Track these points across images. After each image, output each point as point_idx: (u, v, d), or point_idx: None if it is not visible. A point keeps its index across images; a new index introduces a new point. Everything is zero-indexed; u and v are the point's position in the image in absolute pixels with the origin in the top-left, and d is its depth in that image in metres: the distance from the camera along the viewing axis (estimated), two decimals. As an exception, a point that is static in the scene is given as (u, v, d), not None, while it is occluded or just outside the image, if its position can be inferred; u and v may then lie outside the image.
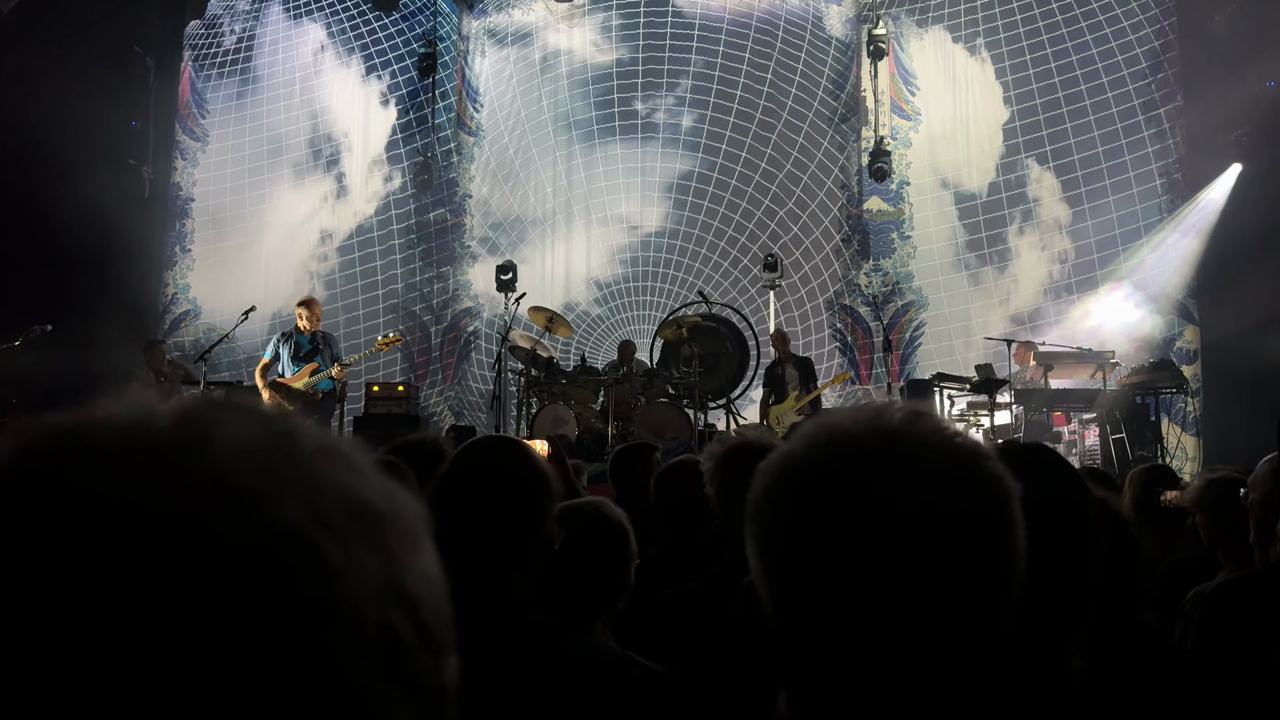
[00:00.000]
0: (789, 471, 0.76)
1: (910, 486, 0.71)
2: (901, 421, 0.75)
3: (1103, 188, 10.95)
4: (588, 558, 1.84)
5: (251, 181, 12.35)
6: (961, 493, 0.72)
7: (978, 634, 0.71)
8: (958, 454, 0.74)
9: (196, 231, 12.44)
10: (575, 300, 11.79)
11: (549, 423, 8.13)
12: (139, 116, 12.11)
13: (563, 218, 11.96)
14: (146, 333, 10.48)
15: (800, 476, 0.75)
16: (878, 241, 11.50)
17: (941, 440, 0.74)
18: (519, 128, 12.09)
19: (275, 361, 7.63)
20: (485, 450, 1.63)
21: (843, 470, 0.73)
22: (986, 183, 11.33)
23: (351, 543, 0.42)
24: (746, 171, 11.70)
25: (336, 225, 12.23)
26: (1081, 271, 10.95)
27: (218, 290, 12.09)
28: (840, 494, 0.72)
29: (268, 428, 0.45)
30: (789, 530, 0.74)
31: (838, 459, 0.74)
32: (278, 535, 0.40)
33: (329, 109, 12.33)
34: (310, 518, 0.41)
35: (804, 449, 0.76)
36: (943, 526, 0.70)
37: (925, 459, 0.72)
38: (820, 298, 11.47)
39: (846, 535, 0.70)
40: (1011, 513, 0.73)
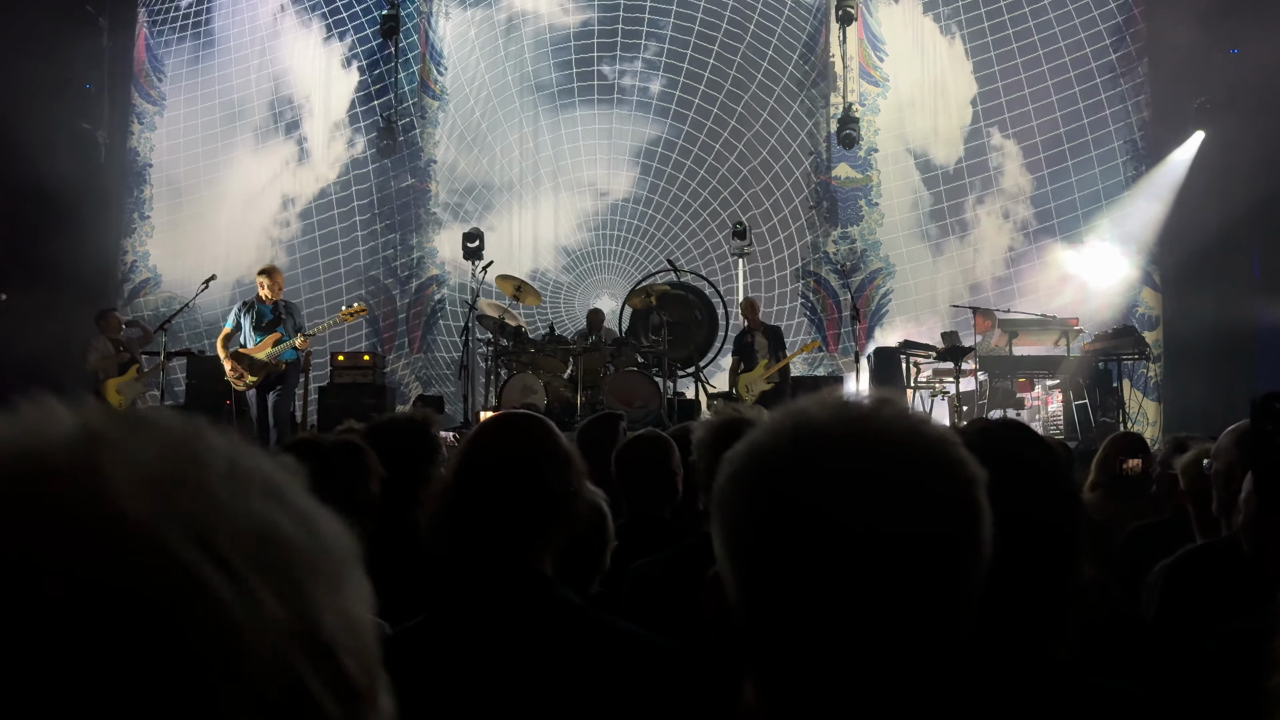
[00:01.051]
0: (755, 459, 0.75)
1: (877, 474, 0.70)
2: (868, 409, 0.74)
3: (1065, 155, 11.02)
4: None
5: (210, 146, 12.08)
6: (928, 480, 0.71)
7: (946, 625, 0.70)
8: (924, 441, 0.73)
9: (155, 198, 12.17)
10: (543, 268, 11.69)
11: (518, 392, 8.09)
12: (92, 79, 11.78)
13: (530, 183, 11.83)
14: (106, 302, 10.27)
15: (766, 463, 0.73)
16: (845, 209, 11.50)
17: (907, 427, 0.73)
18: (484, 91, 11.89)
19: (237, 331, 7.51)
20: (510, 431, 1.57)
21: (808, 457, 0.72)
22: (953, 151, 11.35)
23: (250, 579, 0.37)
24: (715, 138, 11.62)
25: (298, 191, 12.01)
26: (1042, 237, 11.04)
27: (178, 258, 11.86)
28: (806, 481, 0.71)
29: (172, 449, 0.41)
30: (753, 518, 0.73)
31: (803, 445, 0.72)
32: (154, 570, 0.36)
33: (289, 71, 12.06)
34: (199, 550, 0.37)
35: (770, 437, 0.74)
36: (910, 515, 0.69)
37: (891, 446, 0.71)
38: (789, 266, 11.47)
39: (811, 523, 0.69)
40: (978, 499, 0.72)
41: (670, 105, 11.67)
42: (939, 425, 0.76)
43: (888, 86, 11.52)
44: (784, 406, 0.77)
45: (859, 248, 11.45)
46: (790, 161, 11.57)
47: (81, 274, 10.70)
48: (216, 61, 12.10)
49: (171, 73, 12.24)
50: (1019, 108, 11.14)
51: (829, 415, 0.73)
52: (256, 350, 7.37)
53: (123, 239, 12.09)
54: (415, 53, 11.96)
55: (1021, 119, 11.14)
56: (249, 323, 7.46)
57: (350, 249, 11.87)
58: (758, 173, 11.56)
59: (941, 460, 0.72)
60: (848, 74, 11.42)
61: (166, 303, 11.65)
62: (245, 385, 7.36)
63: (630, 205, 11.74)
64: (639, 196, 11.74)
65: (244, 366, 7.33)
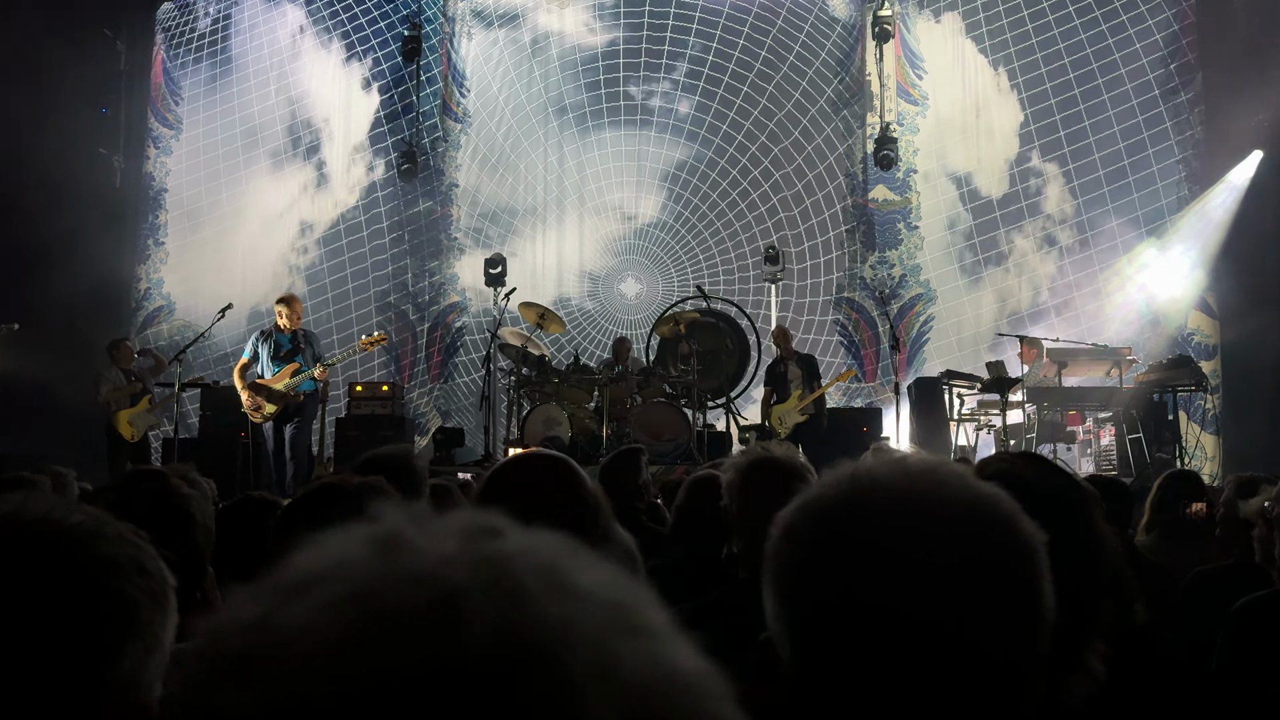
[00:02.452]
0: (812, 513, 0.77)
1: (936, 536, 0.72)
2: (925, 468, 0.77)
3: (1113, 177, 10.98)
4: None
5: (227, 170, 12.31)
6: (986, 543, 0.73)
7: (1007, 688, 0.72)
8: (982, 504, 0.75)
9: (170, 224, 12.40)
10: (568, 294, 11.79)
11: (541, 424, 8.13)
12: (109, 103, 12.06)
13: (554, 208, 11.96)
14: (119, 331, 10.45)
15: (824, 518, 0.76)
16: (883, 232, 11.51)
17: (964, 486, 0.76)
18: (508, 114, 12.07)
19: (254, 362, 7.62)
20: (532, 474, 1.56)
21: (867, 512, 0.74)
22: (995, 172, 11.35)
23: None
24: (746, 160, 11.70)
25: (317, 216, 12.20)
26: (1090, 263, 10.97)
27: (193, 285, 12.05)
28: (864, 536, 0.73)
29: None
30: (809, 573, 0.75)
31: (861, 505, 0.75)
32: None
33: (308, 94, 12.30)
34: None
35: (827, 496, 0.77)
36: (968, 581, 0.71)
37: (950, 509, 0.74)
38: (824, 293, 11.48)
39: (869, 581, 0.72)
40: (1038, 564, 0.74)
41: (700, 128, 11.78)
42: (995, 488, 0.79)
43: (927, 105, 11.56)
44: (842, 465, 0.80)
45: (897, 272, 11.45)
46: (825, 183, 11.62)
47: (94, 302, 10.92)
48: (234, 84, 12.36)
49: (188, 95, 12.51)
50: (1065, 129, 11.14)
51: (887, 474, 0.76)
52: (274, 381, 7.48)
53: (137, 266, 12.32)
54: (437, 74, 12.17)
55: (1067, 140, 11.13)
56: (266, 353, 7.57)
57: (369, 275, 12.03)
58: (791, 196, 11.61)
59: (999, 524, 0.74)
60: (885, 92, 11.48)
61: (181, 331, 11.83)
62: (262, 417, 7.46)
63: (658, 230, 11.83)
64: (666, 221, 11.83)
65: (261, 397, 7.44)
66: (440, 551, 0.39)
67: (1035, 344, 9.10)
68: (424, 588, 0.37)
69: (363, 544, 0.40)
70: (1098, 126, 11.05)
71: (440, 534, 0.41)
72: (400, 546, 0.39)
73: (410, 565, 0.38)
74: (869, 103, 11.59)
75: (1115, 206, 10.98)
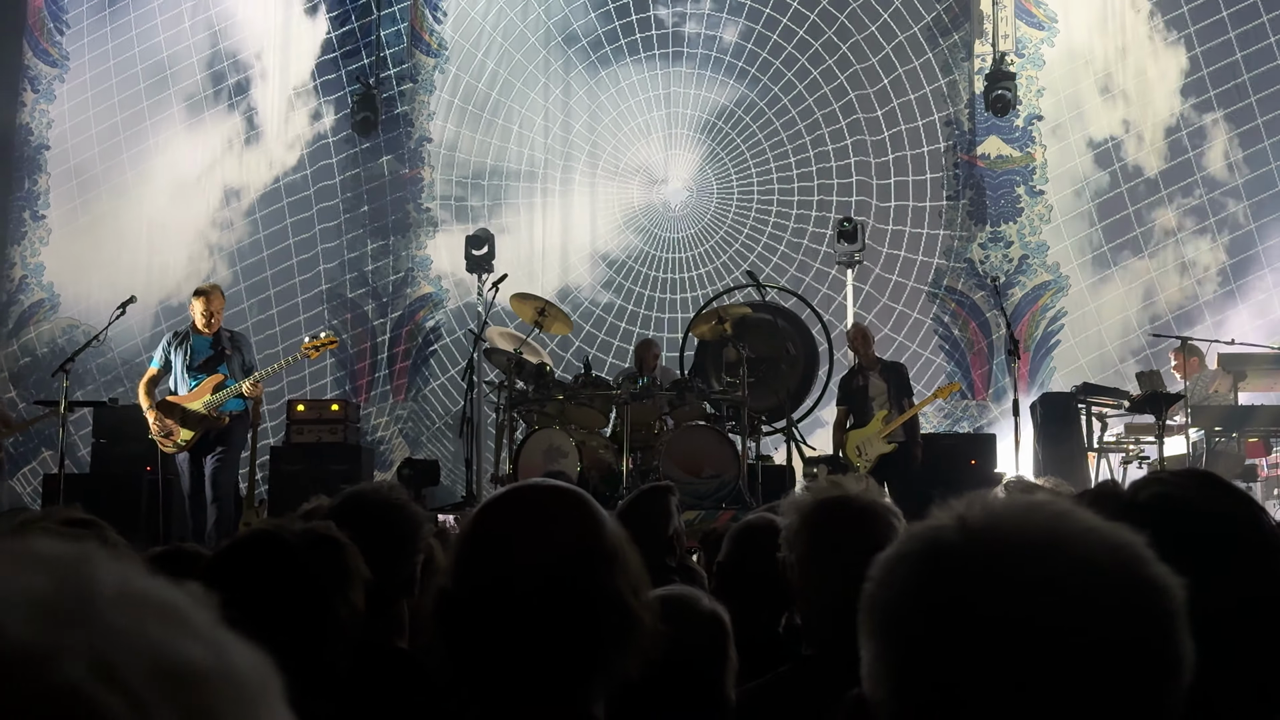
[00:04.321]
0: (929, 558, 0.86)
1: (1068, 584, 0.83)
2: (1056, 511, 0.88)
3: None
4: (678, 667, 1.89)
5: (128, 121, 12.49)
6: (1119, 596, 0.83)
7: None
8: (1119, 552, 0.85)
9: (53, 191, 12.59)
10: (576, 283, 11.85)
11: (540, 456, 8.18)
12: (-28, 34, 12.27)
13: (558, 169, 12.03)
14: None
15: (944, 564, 0.86)
16: (998, 200, 11.50)
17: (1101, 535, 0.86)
18: (497, 44, 12.17)
19: (165, 373, 7.72)
20: (530, 514, 1.56)
21: (992, 563, 0.84)
22: (1149, 118, 11.30)
23: (156, 710, 0.47)
24: (811, 106, 11.72)
25: (246, 180, 12.34)
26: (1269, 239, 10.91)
27: (83, 272, 12.22)
28: (992, 589, 0.83)
29: (57, 573, 0.50)
30: (924, 628, 0.84)
31: (990, 545, 0.85)
32: (52, 703, 0.45)
33: (234, 20, 12.46)
34: (99, 678, 0.46)
35: (949, 532, 0.86)
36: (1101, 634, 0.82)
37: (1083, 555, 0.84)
38: (917, 280, 11.48)
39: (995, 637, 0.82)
40: (1177, 632, 0.84)
41: (750, 62, 11.82)
42: (1132, 536, 0.88)
43: (1055, 30, 11.55)
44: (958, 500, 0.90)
45: (1016, 253, 11.43)
46: (919, 136, 11.63)
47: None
48: (137, 8, 12.54)
49: (76, 24, 12.71)
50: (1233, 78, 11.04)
51: (1011, 512, 0.87)
52: (191, 398, 7.58)
53: (10, 246, 12.51)
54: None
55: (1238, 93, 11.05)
56: (181, 361, 7.67)
57: (317, 261, 12.15)
58: (873, 151, 11.62)
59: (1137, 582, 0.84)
60: (999, 12, 11.48)
61: (67, 333, 12.00)
62: (175, 446, 7.56)
63: (694, 197, 11.87)
64: (706, 186, 11.87)
65: (174, 420, 7.53)
66: None
67: (1196, 352, 9.05)
68: None
69: None
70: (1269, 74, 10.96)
71: None
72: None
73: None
74: (978, 27, 11.59)
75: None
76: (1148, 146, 11.29)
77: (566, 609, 1.47)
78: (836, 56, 11.71)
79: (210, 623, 0.52)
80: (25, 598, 0.48)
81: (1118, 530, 0.86)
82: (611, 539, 1.55)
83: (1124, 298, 11.21)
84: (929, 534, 0.87)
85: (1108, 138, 11.37)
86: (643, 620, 1.53)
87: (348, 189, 12.21)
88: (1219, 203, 11.10)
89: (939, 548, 0.86)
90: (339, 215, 12.19)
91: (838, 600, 2.19)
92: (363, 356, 12.00)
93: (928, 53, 11.68)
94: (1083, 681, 0.80)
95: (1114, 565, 0.83)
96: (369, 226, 12.16)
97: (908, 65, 11.68)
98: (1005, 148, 11.54)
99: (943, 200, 11.58)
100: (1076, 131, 11.47)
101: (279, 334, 11.80)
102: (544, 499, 1.58)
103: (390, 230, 12.14)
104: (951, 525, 0.87)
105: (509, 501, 1.61)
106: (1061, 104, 11.49)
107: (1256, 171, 10.95)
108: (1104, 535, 0.85)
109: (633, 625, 1.51)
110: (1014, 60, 11.34)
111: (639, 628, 1.52)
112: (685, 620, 1.99)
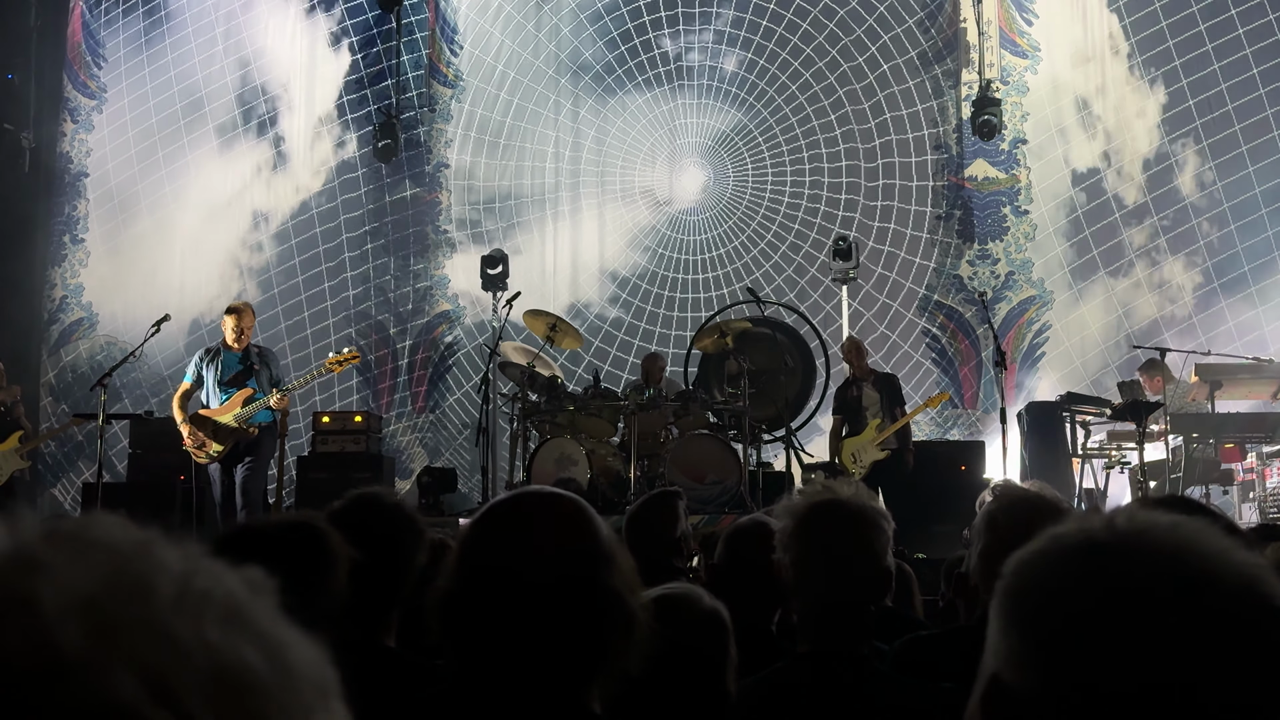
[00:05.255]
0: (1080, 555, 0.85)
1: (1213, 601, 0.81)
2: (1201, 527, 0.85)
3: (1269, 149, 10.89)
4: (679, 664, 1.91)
5: (163, 150, 12.55)
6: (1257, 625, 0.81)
7: None
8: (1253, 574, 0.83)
9: (92, 216, 12.66)
10: (585, 300, 11.88)
11: (552, 463, 8.20)
12: (16, 68, 12.34)
13: (568, 192, 12.07)
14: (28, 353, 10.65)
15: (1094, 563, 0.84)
16: (984, 219, 11.51)
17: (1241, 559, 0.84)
18: (511, 76, 12.22)
19: (197, 387, 7.76)
20: (528, 520, 1.57)
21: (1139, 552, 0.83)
22: (1129, 142, 11.31)
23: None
24: (808, 131, 11.76)
25: (274, 205, 12.40)
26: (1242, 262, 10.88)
27: (120, 292, 12.28)
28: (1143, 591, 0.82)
29: (114, 570, 0.47)
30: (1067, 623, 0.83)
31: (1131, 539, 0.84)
32: (94, 716, 0.43)
33: (263, 54, 12.53)
34: (145, 690, 0.43)
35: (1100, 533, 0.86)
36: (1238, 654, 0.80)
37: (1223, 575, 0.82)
38: (909, 296, 11.49)
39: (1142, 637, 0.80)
40: None
41: (749, 91, 11.86)
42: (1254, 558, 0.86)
43: (1038, 58, 11.57)
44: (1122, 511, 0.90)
45: (1003, 269, 11.44)
46: (910, 159, 11.65)
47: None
48: (171, 42, 12.62)
49: (114, 57, 12.79)
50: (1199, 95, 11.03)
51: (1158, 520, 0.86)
52: (222, 411, 7.61)
53: (51, 268, 12.57)
54: (423, 28, 12.35)
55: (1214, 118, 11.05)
56: (212, 376, 7.70)
57: (339, 278, 12.19)
58: (866, 174, 11.65)
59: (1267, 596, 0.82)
60: (984, 42, 11.51)
61: (105, 350, 12.06)
62: (207, 456, 7.60)
63: (697, 218, 11.90)
64: (708, 207, 11.90)
65: (206, 433, 7.57)
66: None
67: (1161, 370, 9.00)
68: None
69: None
70: (1238, 90, 10.94)
71: None
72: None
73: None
74: (965, 57, 11.62)
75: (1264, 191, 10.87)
76: (1127, 169, 11.31)
77: (566, 604, 1.48)
78: (830, 85, 11.75)
79: (271, 618, 0.50)
80: (78, 599, 0.45)
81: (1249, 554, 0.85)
82: (606, 540, 1.56)
83: (1105, 311, 11.21)
84: (1080, 533, 0.86)
85: (1088, 163, 11.38)
86: (639, 616, 1.53)
87: (370, 213, 12.26)
88: (1196, 225, 11.10)
89: (1091, 545, 0.85)
90: (361, 237, 12.25)
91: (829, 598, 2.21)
92: (384, 370, 12.03)
93: (917, 80, 11.71)
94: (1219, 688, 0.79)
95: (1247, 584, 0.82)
96: (390, 248, 12.21)
97: (898, 93, 11.70)
98: (991, 170, 11.56)
99: (934, 220, 11.60)
100: (1059, 154, 11.48)
101: (304, 349, 11.82)
102: (542, 503, 1.59)
103: (410, 251, 12.19)
104: (1101, 527, 0.86)
105: (509, 505, 1.62)
106: (1044, 128, 11.51)
107: (1235, 199, 10.95)
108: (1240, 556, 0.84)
109: (630, 620, 1.52)
110: (999, 87, 11.36)
111: (636, 623, 1.53)
112: (687, 616, 2.00)
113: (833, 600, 2.16)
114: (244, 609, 0.49)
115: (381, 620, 2.53)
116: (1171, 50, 11.22)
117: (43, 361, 12.39)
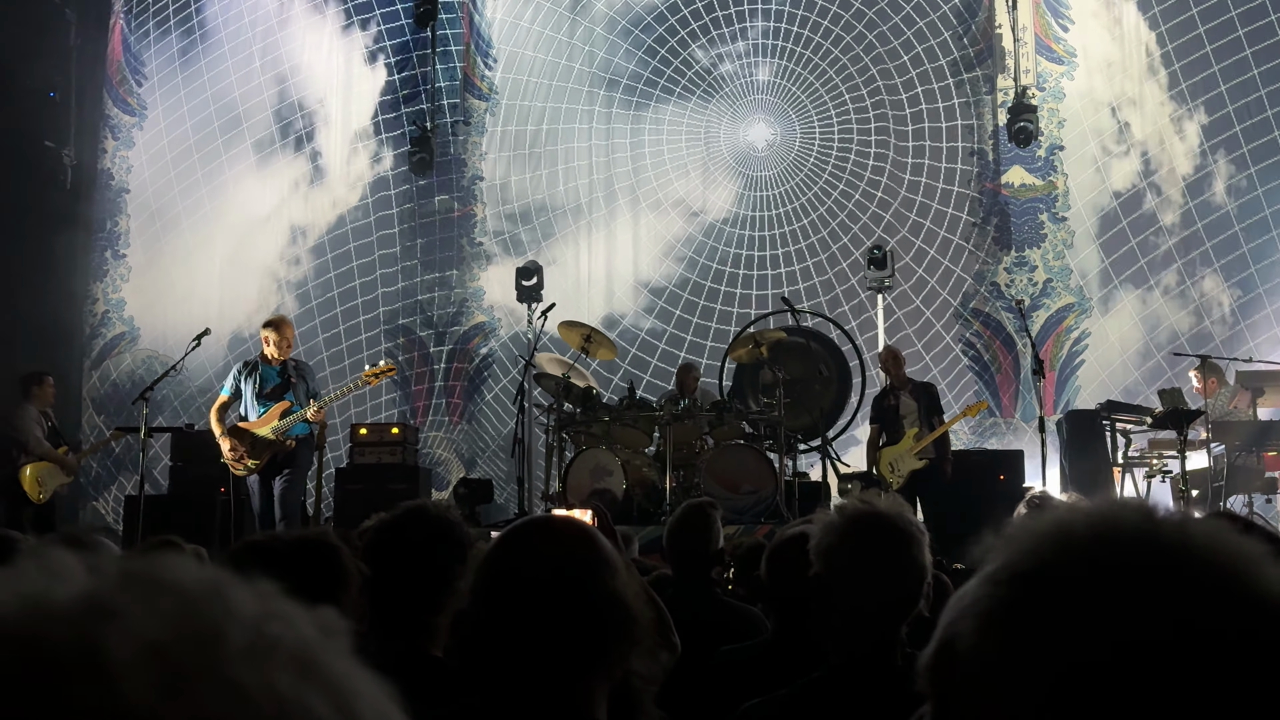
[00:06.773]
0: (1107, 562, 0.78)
1: None
2: (1179, 521, 0.81)
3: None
4: None
5: (202, 165, 12.70)
6: None
7: None
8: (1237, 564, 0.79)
9: (133, 231, 12.81)
10: (620, 311, 11.90)
11: (588, 474, 8.22)
12: (57, 85, 12.51)
13: (602, 204, 12.11)
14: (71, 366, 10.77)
15: (1122, 562, 0.78)
16: (1021, 226, 11.44)
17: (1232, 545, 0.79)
18: (544, 88, 12.28)
19: (236, 400, 7.83)
20: (534, 537, 1.64)
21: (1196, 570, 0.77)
22: (1167, 151, 11.21)
23: None
24: (843, 138, 11.74)
25: (311, 219, 12.51)
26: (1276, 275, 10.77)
27: (161, 307, 12.42)
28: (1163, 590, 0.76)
29: (184, 616, 0.47)
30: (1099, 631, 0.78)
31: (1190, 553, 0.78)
32: None
33: (300, 71, 12.65)
34: None
35: (1116, 522, 0.80)
36: None
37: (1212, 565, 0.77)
38: (946, 304, 11.43)
39: None
40: None
41: (784, 99, 11.86)
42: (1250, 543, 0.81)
43: (1074, 63, 11.51)
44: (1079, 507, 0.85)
45: (1041, 277, 11.37)
46: (946, 166, 11.60)
47: (39, 330, 11.29)
48: (209, 60, 12.77)
49: (154, 75, 12.96)
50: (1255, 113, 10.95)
51: (1205, 525, 0.80)
52: (260, 424, 7.68)
53: (92, 284, 12.73)
54: (458, 41, 12.43)
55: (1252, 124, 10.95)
56: (251, 389, 7.77)
57: (375, 291, 12.28)
58: (901, 182, 11.61)
59: None
60: (1020, 49, 11.45)
61: (146, 364, 12.19)
62: (246, 469, 7.67)
63: (731, 228, 11.90)
64: (744, 217, 11.89)
65: (244, 445, 7.64)
66: None
67: (1216, 370, 8.94)
68: None
69: None
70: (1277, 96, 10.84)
71: None
72: None
73: None
74: (1000, 63, 11.57)
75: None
76: (1165, 175, 11.21)
77: (565, 603, 1.53)
78: (862, 94, 11.73)
79: (343, 665, 0.49)
80: (147, 647, 0.44)
81: None
82: (611, 551, 1.62)
83: (1145, 318, 11.11)
84: (1078, 523, 0.82)
85: (1126, 168, 11.30)
86: (641, 620, 1.58)
87: (405, 226, 12.34)
88: (1239, 232, 10.99)
89: (1110, 538, 0.80)
90: (398, 250, 12.33)
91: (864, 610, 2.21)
92: (420, 382, 12.10)
93: (953, 87, 11.68)
94: None
95: None
96: (425, 260, 12.29)
97: (934, 100, 11.67)
98: (1028, 176, 11.50)
99: (970, 228, 11.54)
100: (1096, 160, 11.41)
101: (344, 362, 11.91)
102: (551, 522, 1.69)
103: (445, 264, 12.26)
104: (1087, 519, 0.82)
105: (521, 529, 1.69)
106: (1081, 134, 11.44)
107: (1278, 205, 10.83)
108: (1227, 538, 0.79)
109: (630, 622, 1.56)
110: (1035, 93, 11.30)
111: (637, 625, 1.57)
112: None
113: (868, 612, 2.16)
114: (316, 657, 0.48)
115: (428, 630, 2.55)
116: (1210, 56, 11.12)
117: (85, 375, 12.55)
